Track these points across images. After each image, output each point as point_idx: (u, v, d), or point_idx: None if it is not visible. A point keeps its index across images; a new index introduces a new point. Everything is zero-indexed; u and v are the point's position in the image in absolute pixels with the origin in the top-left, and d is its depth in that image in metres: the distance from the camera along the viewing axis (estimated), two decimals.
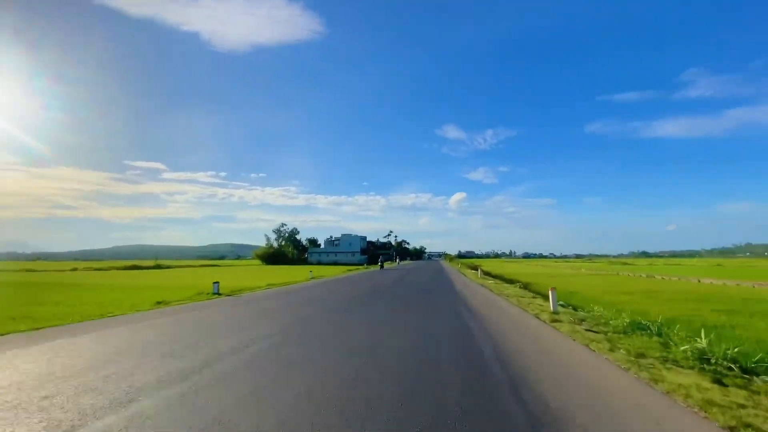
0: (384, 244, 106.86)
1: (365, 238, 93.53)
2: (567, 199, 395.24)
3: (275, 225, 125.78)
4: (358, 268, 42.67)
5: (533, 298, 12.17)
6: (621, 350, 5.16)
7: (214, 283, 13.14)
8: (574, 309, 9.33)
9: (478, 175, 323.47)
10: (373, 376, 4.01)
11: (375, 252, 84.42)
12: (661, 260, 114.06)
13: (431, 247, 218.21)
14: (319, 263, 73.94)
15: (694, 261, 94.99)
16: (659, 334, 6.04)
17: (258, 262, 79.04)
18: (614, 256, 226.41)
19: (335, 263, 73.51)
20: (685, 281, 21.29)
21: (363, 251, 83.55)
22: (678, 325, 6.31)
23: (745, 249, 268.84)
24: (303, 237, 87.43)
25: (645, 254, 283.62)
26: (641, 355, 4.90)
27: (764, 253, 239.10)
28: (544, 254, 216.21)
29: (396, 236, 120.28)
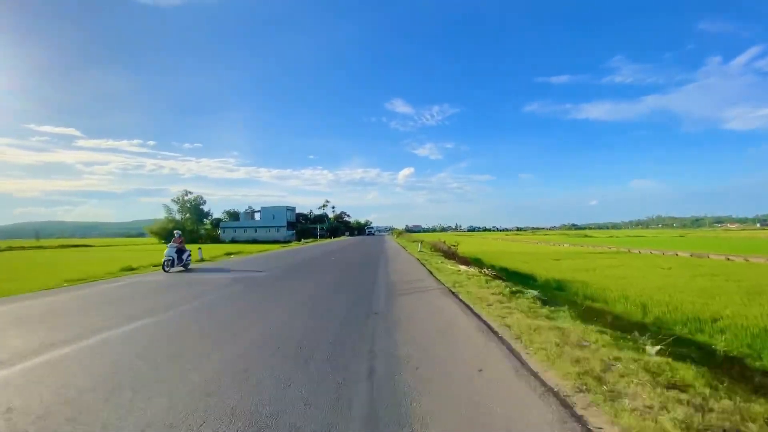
0: (318, 216, 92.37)
1: (293, 209, 79.51)
2: (504, 175, 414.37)
3: (210, 199, 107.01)
4: (269, 248, 34.26)
5: None
6: None
7: None
8: None
9: (425, 151, 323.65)
10: None
11: (306, 226, 74.15)
12: (620, 232, 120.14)
13: (379, 221, 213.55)
14: (233, 241, 62.45)
15: (655, 232, 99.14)
16: None
17: (154, 239, 64.74)
18: (548, 228, 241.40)
19: (254, 240, 62.34)
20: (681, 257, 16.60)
21: (290, 225, 72.19)
22: None
23: (656, 221, 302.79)
24: (221, 209, 74.14)
25: (575, 226, 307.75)
26: None
27: (672, 224, 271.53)
28: (487, 227, 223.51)
29: (333, 207, 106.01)
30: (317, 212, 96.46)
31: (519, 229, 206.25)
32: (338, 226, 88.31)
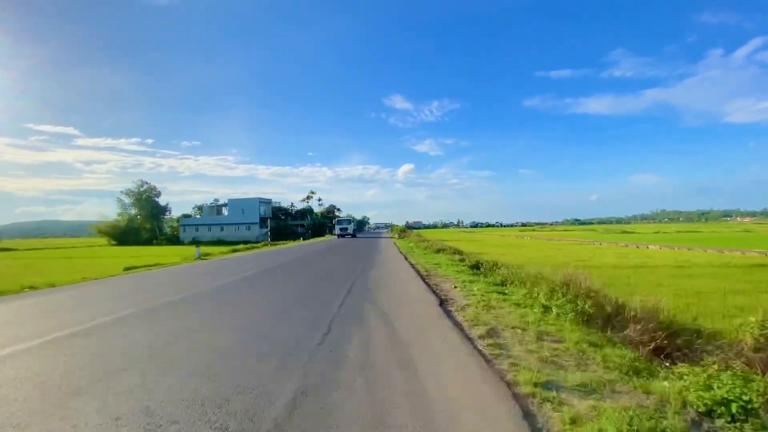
0: (302, 211, 74.46)
1: (269, 202, 63.57)
2: (504, 171, 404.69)
3: (209, 198, 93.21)
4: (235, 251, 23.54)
5: None
6: None
7: None
8: None
9: (425, 147, 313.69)
10: None
11: (286, 223, 60.78)
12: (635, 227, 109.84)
13: (379, 218, 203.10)
14: (195, 241, 50.60)
15: (684, 227, 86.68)
16: None
17: (105, 241, 52.94)
18: (551, 224, 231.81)
19: (219, 241, 50.33)
20: None
21: (264, 221, 57.50)
22: None
23: (662, 215, 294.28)
24: (187, 205, 62.05)
25: (578, 221, 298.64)
26: None
27: (679, 218, 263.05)
28: (491, 223, 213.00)
29: (320, 200, 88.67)
30: (300, 205, 79.96)
31: (524, 225, 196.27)
32: (323, 222, 69.66)
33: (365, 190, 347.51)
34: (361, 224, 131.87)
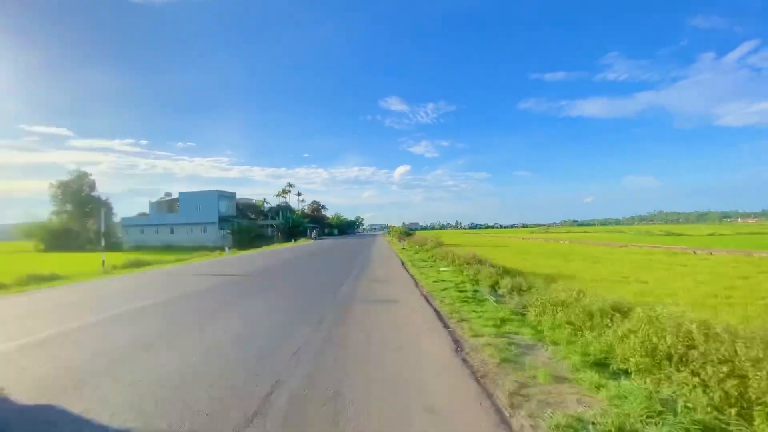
0: (274, 210, 59.67)
1: (233, 196, 49.51)
2: (500, 173, 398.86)
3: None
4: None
5: None
6: None
7: None
8: None
9: (421, 148, 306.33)
10: None
11: (254, 223, 47.19)
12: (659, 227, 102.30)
13: (375, 219, 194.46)
14: (138, 247, 40.95)
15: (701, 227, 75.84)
16: None
17: (32, 245, 42.37)
18: (548, 225, 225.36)
19: (167, 247, 40.28)
20: None
21: (223, 221, 45.97)
22: None
23: (659, 217, 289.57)
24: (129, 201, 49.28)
25: (576, 222, 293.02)
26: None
27: (678, 219, 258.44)
28: (489, 224, 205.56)
29: (300, 194, 77.56)
30: (276, 200, 66.43)
31: (525, 226, 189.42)
32: (299, 223, 51.74)
33: (361, 191, 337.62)
34: (350, 225, 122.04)
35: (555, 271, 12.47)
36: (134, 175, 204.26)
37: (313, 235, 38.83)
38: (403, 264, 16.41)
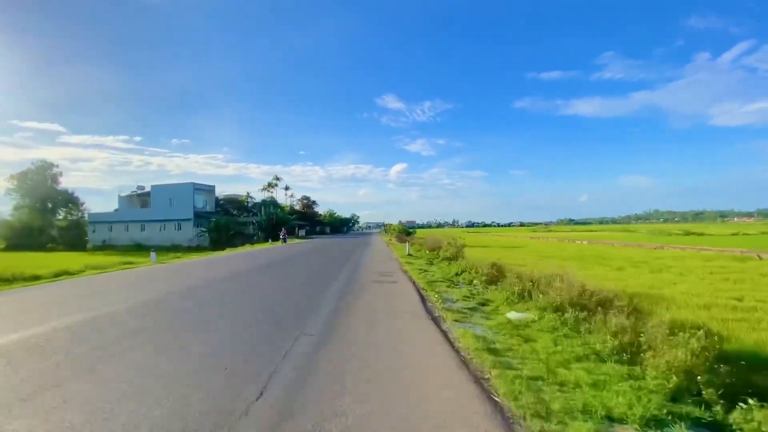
0: (258, 206, 54.26)
1: (212, 190, 45.26)
2: (496, 171, 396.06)
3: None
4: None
5: None
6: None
7: None
8: None
9: (417, 147, 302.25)
10: None
11: (235, 220, 42.71)
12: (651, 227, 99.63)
13: (371, 218, 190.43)
14: (104, 245, 36.97)
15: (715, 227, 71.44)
16: None
17: None
18: (545, 223, 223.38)
19: (138, 245, 36.17)
20: None
21: (200, 217, 41.47)
22: None
23: (656, 215, 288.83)
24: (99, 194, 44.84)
25: (572, 221, 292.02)
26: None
27: (675, 218, 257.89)
28: (487, 223, 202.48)
29: (289, 189, 71.44)
30: (260, 195, 60.13)
31: (522, 225, 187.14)
32: (284, 220, 44.98)
33: (357, 189, 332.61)
34: (345, 223, 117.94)
35: (623, 286, 8.65)
36: (128, 171, 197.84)
37: (282, 236, 32.53)
38: (434, 320, 6.29)
